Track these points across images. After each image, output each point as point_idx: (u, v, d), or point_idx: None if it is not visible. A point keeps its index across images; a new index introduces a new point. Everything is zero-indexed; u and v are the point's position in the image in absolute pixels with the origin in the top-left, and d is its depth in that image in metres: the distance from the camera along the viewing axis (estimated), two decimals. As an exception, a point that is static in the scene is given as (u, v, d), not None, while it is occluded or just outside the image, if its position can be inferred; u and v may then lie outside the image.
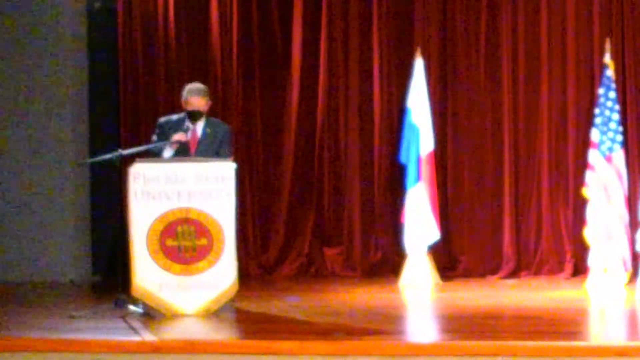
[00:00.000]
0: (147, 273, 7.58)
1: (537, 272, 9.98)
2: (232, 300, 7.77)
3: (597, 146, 9.06)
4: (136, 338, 6.60)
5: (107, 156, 7.94)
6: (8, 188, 10.55)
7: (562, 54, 10.03)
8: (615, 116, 9.10)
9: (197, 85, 8.17)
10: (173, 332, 7.12)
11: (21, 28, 10.55)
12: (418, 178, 9.74)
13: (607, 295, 8.65)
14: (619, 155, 9.08)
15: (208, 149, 8.02)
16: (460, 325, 7.32)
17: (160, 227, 7.60)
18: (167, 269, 7.61)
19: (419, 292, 9.31)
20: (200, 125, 8.08)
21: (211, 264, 7.63)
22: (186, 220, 7.61)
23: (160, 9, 10.71)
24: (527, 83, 10.12)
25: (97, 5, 10.78)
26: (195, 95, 8.06)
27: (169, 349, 6.33)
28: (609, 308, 8.19)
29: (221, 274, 7.63)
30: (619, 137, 9.11)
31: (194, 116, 8.04)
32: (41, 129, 10.52)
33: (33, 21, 10.53)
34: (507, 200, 10.10)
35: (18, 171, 10.53)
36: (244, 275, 8.76)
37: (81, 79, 10.70)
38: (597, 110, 9.17)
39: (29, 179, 10.51)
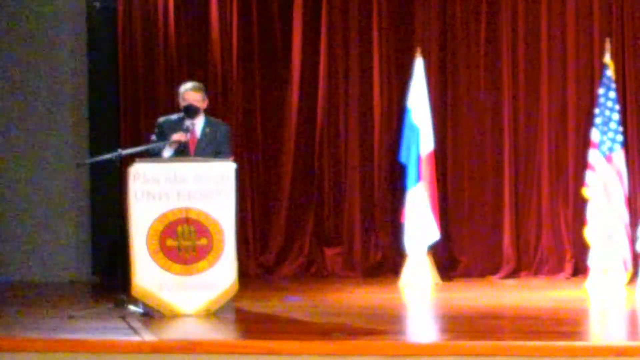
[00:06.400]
0: (147, 273, 7.58)
1: (537, 272, 9.98)
2: (232, 300, 7.77)
3: (597, 146, 9.07)
4: (136, 338, 6.60)
5: (107, 156, 7.92)
6: (8, 188, 10.55)
7: (562, 54, 10.04)
8: (615, 116, 9.11)
9: (191, 82, 8.20)
10: (173, 332, 7.11)
11: (21, 28, 10.56)
12: (418, 178, 9.74)
13: (607, 295, 8.65)
14: (619, 155, 9.08)
15: (207, 149, 8.01)
16: (460, 325, 7.31)
17: (160, 227, 7.60)
18: (167, 269, 7.60)
19: (419, 292, 9.31)
20: (199, 125, 8.07)
21: (211, 264, 7.63)
22: (186, 220, 7.60)
23: (160, 9, 10.71)
24: (527, 83, 10.12)
25: (97, 5, 10.78)
26: (189, 90, 8.07)
27: (169, 349, 6.33)
28: (609, 308, 8.18)
29: (221, 274, 7.62)
30: (619, 137, 9.12)
31: (190, 112, 8.00)
32: (41, 129, 10.52)
33: (33, 21, 10.53)
34: (507, 200, 10.10)
35: (18, 171, 10.53)
36: (244, 275, 8.76)
37: (81, 79, 10.71)
38: (597, 110, 9.18)
39: (29, 179, 10.51)
